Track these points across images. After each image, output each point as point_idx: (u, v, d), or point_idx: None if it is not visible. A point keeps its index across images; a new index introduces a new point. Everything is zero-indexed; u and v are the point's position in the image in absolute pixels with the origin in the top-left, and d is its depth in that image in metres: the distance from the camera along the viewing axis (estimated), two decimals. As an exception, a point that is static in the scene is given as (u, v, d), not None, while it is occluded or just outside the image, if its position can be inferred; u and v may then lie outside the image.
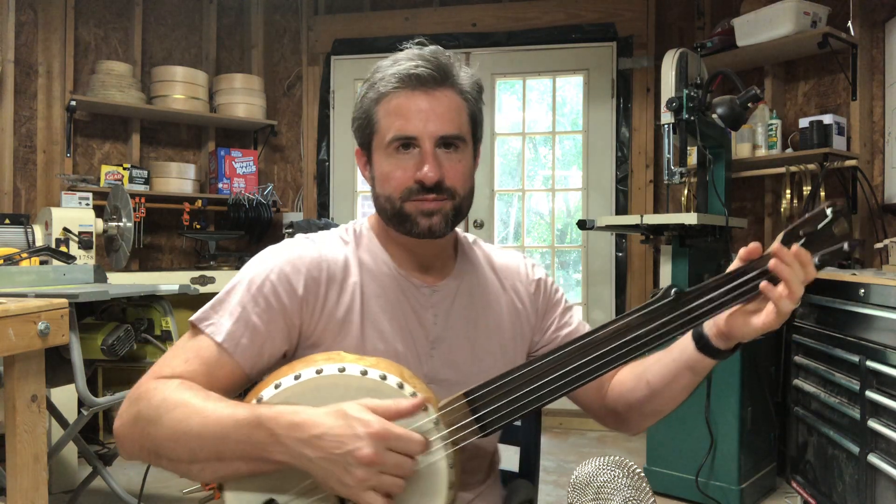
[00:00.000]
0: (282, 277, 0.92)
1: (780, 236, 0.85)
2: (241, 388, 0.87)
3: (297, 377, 0.82)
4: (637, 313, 0.84)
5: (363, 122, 0.96)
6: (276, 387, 0.82)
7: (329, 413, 0.76)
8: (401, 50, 0.97)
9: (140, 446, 0.84)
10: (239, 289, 0.92)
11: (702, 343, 0.90)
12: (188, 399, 0.82)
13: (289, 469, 0.78)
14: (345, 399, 0.79)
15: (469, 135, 0.96)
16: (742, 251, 0.84)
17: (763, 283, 0.81)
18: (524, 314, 1.08)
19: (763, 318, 0.82)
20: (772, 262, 0.81)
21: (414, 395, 0.81)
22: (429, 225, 0.93)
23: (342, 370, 0.82)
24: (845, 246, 0.82)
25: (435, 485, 0.80)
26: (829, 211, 0.82)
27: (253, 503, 0.82)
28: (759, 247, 0.84)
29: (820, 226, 0.83)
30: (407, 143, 0.92)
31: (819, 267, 0.83)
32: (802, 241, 0.83)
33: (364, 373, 0.81)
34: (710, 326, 0.89)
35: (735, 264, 0.85)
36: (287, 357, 0.95)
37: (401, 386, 0.81)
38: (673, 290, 0.84)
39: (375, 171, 0.96)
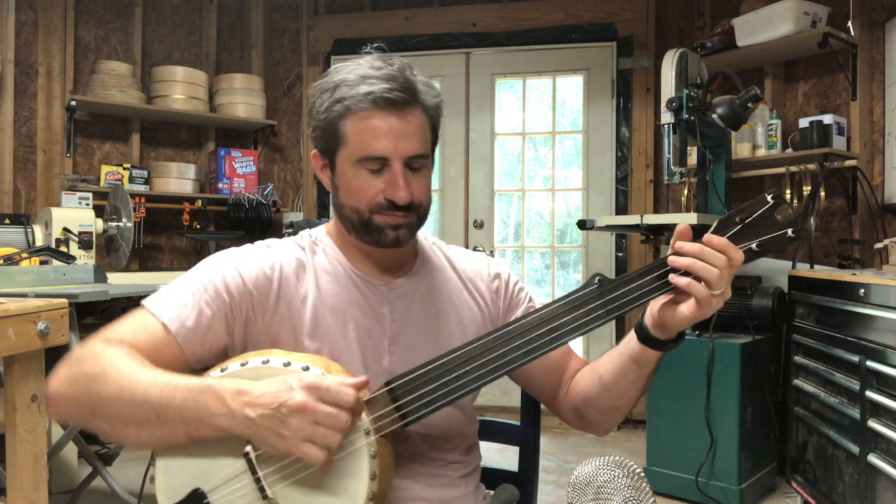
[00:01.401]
0: (233, 272, 0.95)
1: (714, 224, 0.85)
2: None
3: (223, 370, 0.86)
4: (560, 301, 0.85)
5: (327, 132, 0.97)
6: None
7: (272, 380, 0.80)
8: (367, 52, 0.99)
9: (76, 404, 0.85)
10: (191, 277, 0.96)
11: (642, 334, 0.91)
12: (138, 364, 0.84)
13: (222, 446, 0.82)
14: None
15: (430, 151, 1.01)
16: (673, 239, 0.85)
17: (671, 275, 0.83)
18: (486, 312, 1.09)
19: (688, 307, 0.84)
20: (669, 258, 0.83)
21: None
22: (395, 236, 0.97)
23: (266, 361, 0.85)
24: (789, 232, 0.82)
25: (356, 471, 0.81)
26: (769, 198, 0.83)
27: (181, 488, 0.84)
28: (687, 230, 0.85)
29: (759, 212, 0.83)
30: (377, 161, 0.94)
31: (758, 253, 0.83)
32: (738, 227, 0.83)
33: (287, 364, 0.84)
34: (648, 317, 0.90)
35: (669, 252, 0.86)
36: (230, 356, 0.96)
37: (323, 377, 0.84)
38: (597, 279, 0.85)
39: (340, 181, 0.98)
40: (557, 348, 0.86)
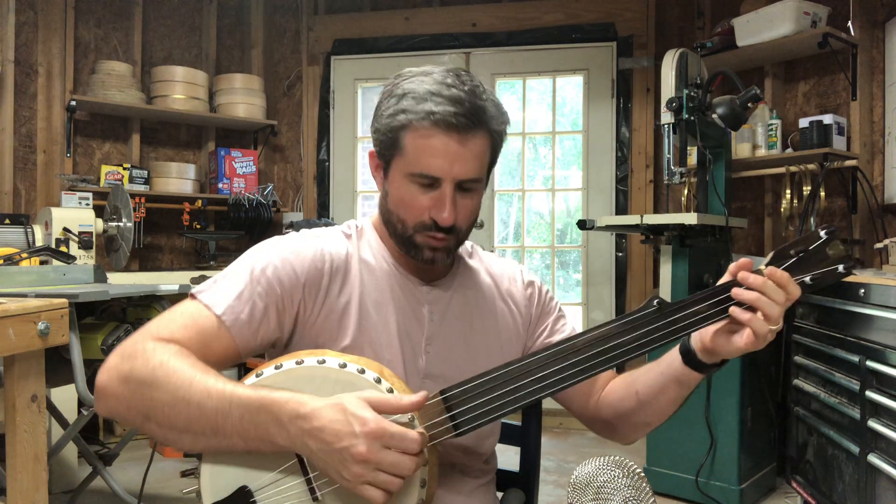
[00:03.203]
0: (286, 263, 0.94)
1: (770, 255, 0.86)
2: (231, 366, 0.89)
3: (277, 367, 0.85)
4: (619, 321, 0.85)
5: (388, 139, 0.95)
6: (258, 375, 0.85)
7: (330, 406, 0.77)
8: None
9: (128, 406, 0.84)
10: (242, 268, 0.94)
11: (688, 357, 0.91)
12: (189, 367, 0.82)
13: (275, 452, 0.81)
14: (322, 390, 0.82)
15: (485, 173, 0.99)
16: (732, 265, 0.85)
17: (732, 308, 0.83)
18: (518, 319, 1.10)
19: (744, 338, 0.84)
20: (734, 290, 0.83)
21: (390, 391, 0.83)
22: (432, 257, 0.97)
23: (322, 361, 0.84)
24: (840, 268, 0.83)
25: (406, 481, 0.80)
26: (823, 233, 0.84)
27: (227, 487, 0.83)
28: (749, 262, 0.85)
29: (812, 246, 0.84)
30: (429, 178, 0.93)
31: (811, 287, 0.84)
32: (793, 260, 0.84)
33: (343, 366, 0.84)
34: (696, 341, 0.90)
35: (725, 278, 0.86)
36: (276, 347, 0.97)
37: (378, 381, 0.83)
38: (655, 301, 0.85)
39: (391, 188, 0.98)
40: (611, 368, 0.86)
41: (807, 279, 0.84)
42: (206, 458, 0.85)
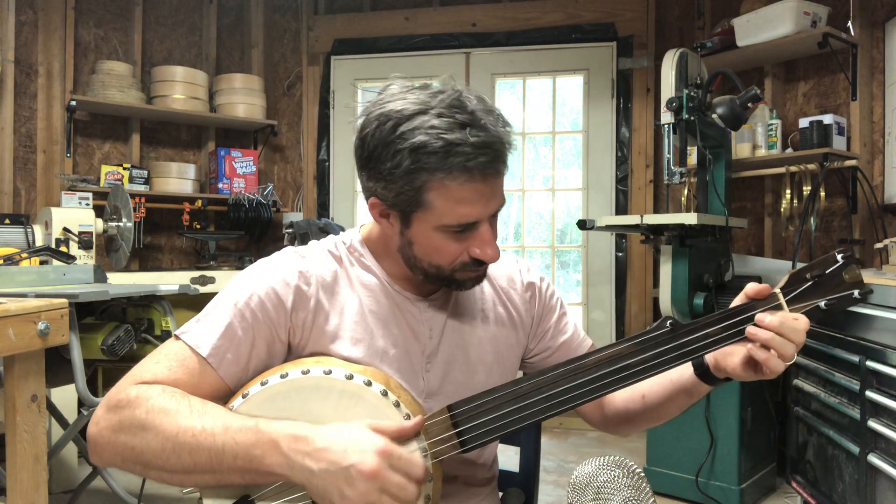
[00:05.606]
0: (270, 292, 0.91)
1: (785, 278, 0.86)
2: (222, 401, 0.87)
3: (283, 375, 0.84)
4: (631, 341, 0.85)
5: (404, 194, 0.87)
6: (263, 384, 0.84)
7: (332, 428, 0.77)
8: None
9: (123, 457, 0.83)
10: (226, 302, 0.91)
11: (701, 370, 0.92)
12: (175, 408, 0.81)
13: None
14: (327, 401, 0.82)
15: None
16: (749, 288, 0.86)
17: (750, 346, 0.84)
18: (518, 322, 1.07)
19: (761, 371, 0.85)
20: (748, 330, 0.83)
21: (397, 404, 0.82)
22: (474, 285, 0.97)
23: (328, 372, 0.84)
24: (856, 293, 0.84)
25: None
26: (839, 257, 0.84)
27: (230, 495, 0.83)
28: (766, 288, 0.85)
29: (829, 270, 0.85)
30: (466, 227, 0.89)
31: (825, 312, 0.85)
32: (808, 284, 0.85)
33: (349, 377, 0.83)
34: (710, 357, 0.91)
35: (739, 299, 0.86)
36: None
37: (384, 394, 0.82)
38: (669, 322, 0.85)
39: (417, 239, 0.91)
40: (624, 388, 0.85)
41: (821, 304, 0.84)
42: (206, 495, 0.85)
